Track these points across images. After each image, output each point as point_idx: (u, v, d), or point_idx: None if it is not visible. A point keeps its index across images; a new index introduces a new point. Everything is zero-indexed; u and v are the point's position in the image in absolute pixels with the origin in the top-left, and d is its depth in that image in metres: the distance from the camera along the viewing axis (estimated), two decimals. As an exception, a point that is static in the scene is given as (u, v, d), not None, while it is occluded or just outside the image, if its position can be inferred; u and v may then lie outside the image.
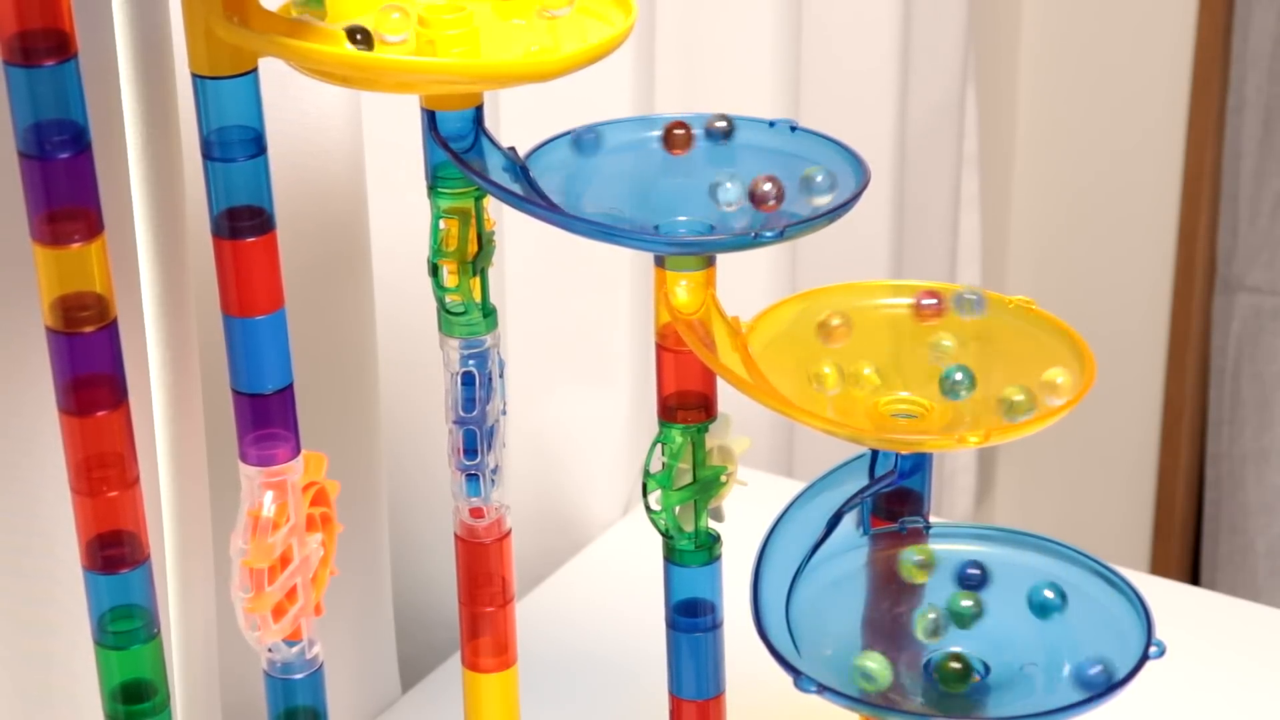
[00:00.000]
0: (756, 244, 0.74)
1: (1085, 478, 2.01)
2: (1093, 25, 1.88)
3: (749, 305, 0.82)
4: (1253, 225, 1.83)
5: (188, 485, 0.89)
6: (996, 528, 0.81)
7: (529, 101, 1.04)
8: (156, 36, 0.80)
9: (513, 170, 0.78)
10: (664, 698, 0.85)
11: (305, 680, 0.80)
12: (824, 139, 0.79)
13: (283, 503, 0.76)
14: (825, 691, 0.73)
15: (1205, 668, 1.10)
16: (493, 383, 0.84)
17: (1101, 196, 1.92)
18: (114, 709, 0.75)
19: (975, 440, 0.72)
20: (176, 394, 0.87)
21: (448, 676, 1.12)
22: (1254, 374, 1.85)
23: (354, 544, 1.01)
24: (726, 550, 0.83)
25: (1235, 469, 1.88)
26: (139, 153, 0.82)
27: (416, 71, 0.75)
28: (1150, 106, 1.86)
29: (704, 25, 1.33)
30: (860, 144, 0.82)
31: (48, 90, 0.66)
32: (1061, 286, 1.95)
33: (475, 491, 0.86)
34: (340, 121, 0.94)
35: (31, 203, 0.67)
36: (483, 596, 0.88)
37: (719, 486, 0.82)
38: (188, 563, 0.90)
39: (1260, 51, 1.78)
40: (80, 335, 0.69)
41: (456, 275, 0.82)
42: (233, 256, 0.74)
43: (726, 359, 0.76)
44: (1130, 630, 0.76)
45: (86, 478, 0.71)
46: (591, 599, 1.18)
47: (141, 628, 0.74)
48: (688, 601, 0.83)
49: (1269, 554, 1.87)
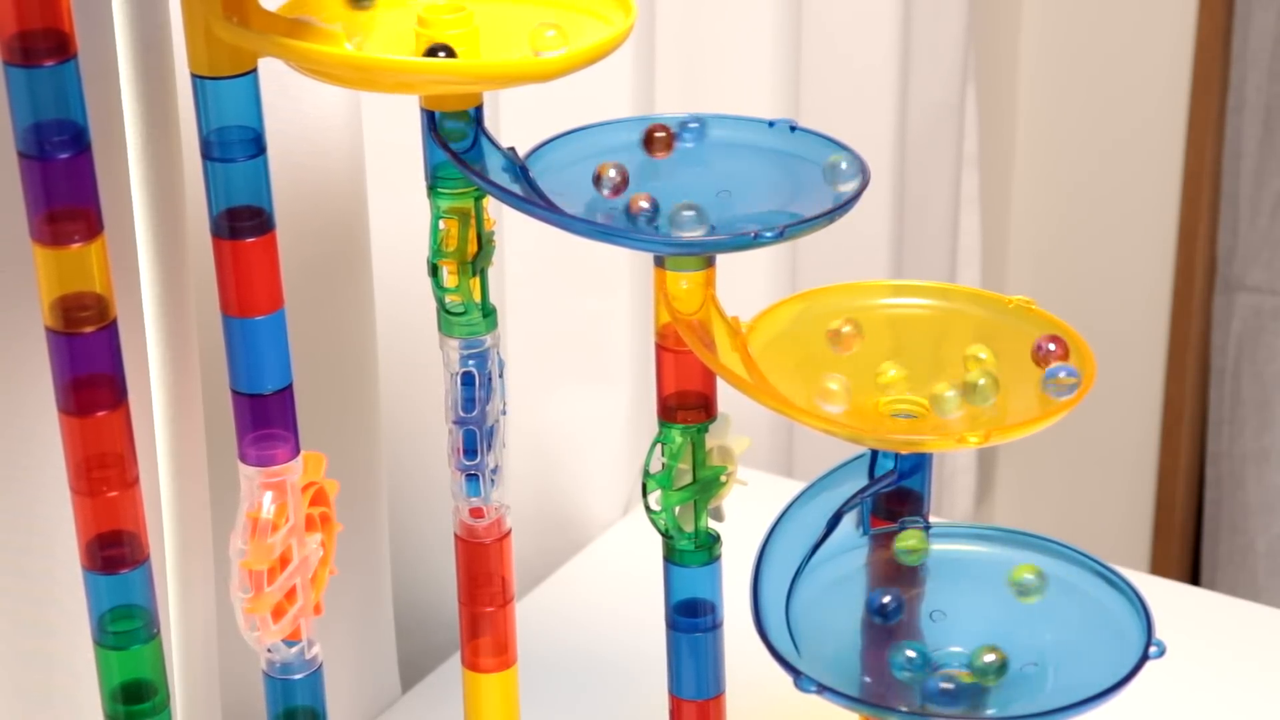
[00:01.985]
0: (756, 244, 0.74)
1: (1085, 478, 2.00)
2: (1093, 25, 1.88)
3: (749, 305, 0.81)
4: (1253, 225, 1.83)
5: (188, 485, 0.89)
6: (996, 528, 0.81)
7: (529, 101, 1.04)
8: (156, 36, 0.80)
9: (513, 170, 0.78)
10: (664, 698, 0.85)
11: (305, 680, 0.80)
12: (824, 139, 0.79)
13: (282, 503, 0.76)
14: (825, 691, 0.73)
15: (1205, 668, 1.10)
16: (492, 383, 0.84)
17: (1101, 196, 1.92)
18: (114, 709, 0.75)
19: (975, 440, 0.72)
20: (176, 394, 0.87)
21: (448, 676, 1.12)
22: (1254, 374, 1.85)
23: (354, 544, 1.01)
24: (726, 550, 0.83)
25: (1235, 469, 1.88)
26: (139, 153, 0.82)
27: (416, 71, 0.75)
28: (1150, 107, 1.86)
29: (704, 25, 1.33)
30: (860, 144, 0.82)
31: (47, 90, 0.66)
32: (1061, 286, 1.95)
33: (475, 491, 0.86)
34: (340, 121, 0.94)
35: (31, 203, 0.67)
36: (483, 596, 0.88)
37: (719, 486, 0.82)
38: (188, 563, 0.90)
39: (1260, 51, 1.78)
40: (80, 335, 0.69)
41: (456, 275, 0.82)
42: (232, 257, 0.74)
43: (726, 359, 0.76)
44: (1130, 630, 0.76)
45: (86, 478, 0.71)
46: (591, 599, 1.18)
47: (141, 628, 0.74)
48: (688, 601, 0.83)
49: (1269, 554, 1.87)
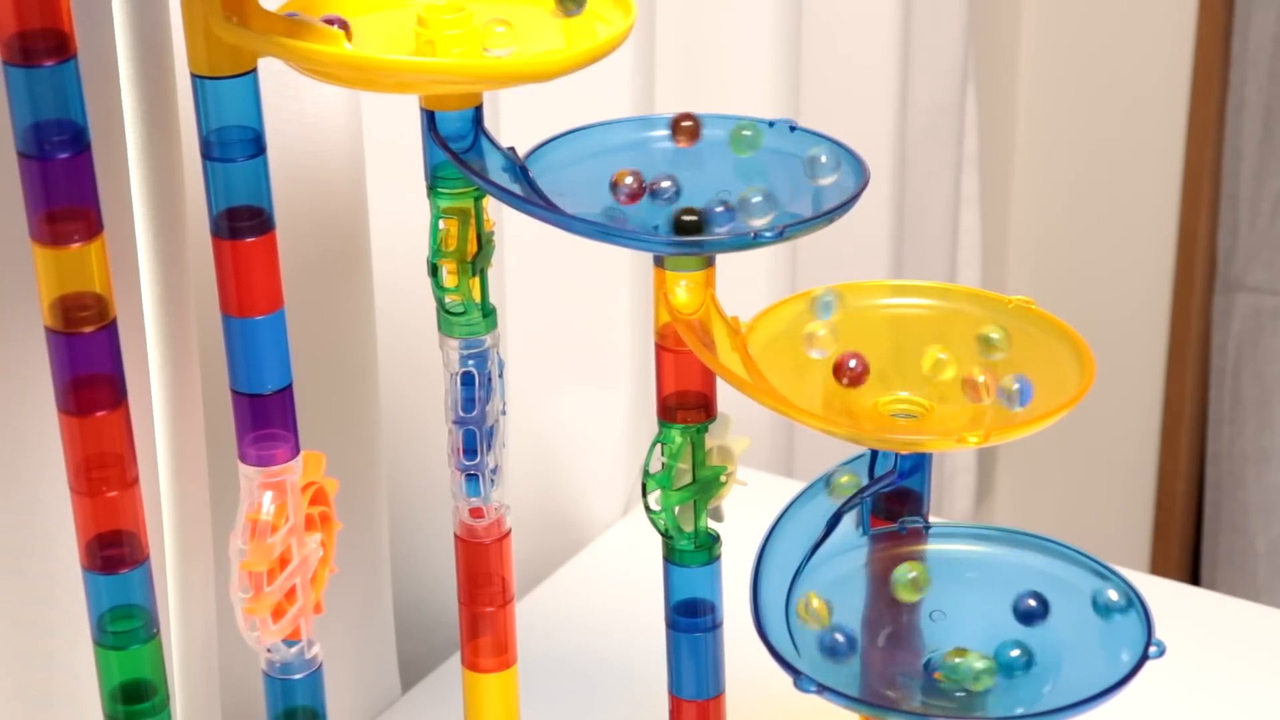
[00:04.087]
0: (756, 244, 0.74)
1: (1085, 478, 2.00)
2: (1093, 25, 1.88)
3: (749, 305, 0.81)
4: (1253, 225, 1.83)
5: (188, 485, 0.89)
6: (996, 528, 0.81)
7: (529, 101, 1.04)
8: (156, 36, 0.80)
9: (512, 170, 0.78)
10: (664, 698, 0.85)
11: (304, 680, 0.80)
12: (824, 139, 0.79)
13: (282, 503, 0.76)
14: (825, 691, 0.73)
15: (1205, 668, 1.10)
16: (492, 383, 0.84)
17: (1101, 196, 1.92)
18: (113, 709, 0.75)
19: (975, 440, 0.72)
20: (176, 394, 0.87)
21: (448, 676, 1.12)
22: (1254, 374, 1.85)
23: (354, 544, 1.01)
24: (726, 550, 0.83)
25: (1235, 469, 1.88)
26: (139, 153, 0.82)
27: (416, 71, 0.75)
28: (1150, 107, 1.86)
29: (704, 25, 1.33)
30: (860, 144, 0.82)
31: (47, 90, 0.66)
32: (1061, 286, 1.95)
33: (475, 491, 0.86)
34: (340, 121, 0.94)
35: (31, 203, 0.67)
36: (483, 596, 0.88)
37: (719, 486, 0.82)
38: (188, 563, 0.90)
39: (1260, 51, 1.78)
40: (80, 335, 0.69)
41: (456, 275, 0.82)
42: (232, 257, 0.74)
43: (726, 359, 0.76)
44: (1130, 630, 0.76)
45: (86, 478, 0.71)
46: (591, 599, 1.18)
47: (141, 628, 0.74)
48: (688, 601, 0.83)
49: (1269, 554, 1.87)
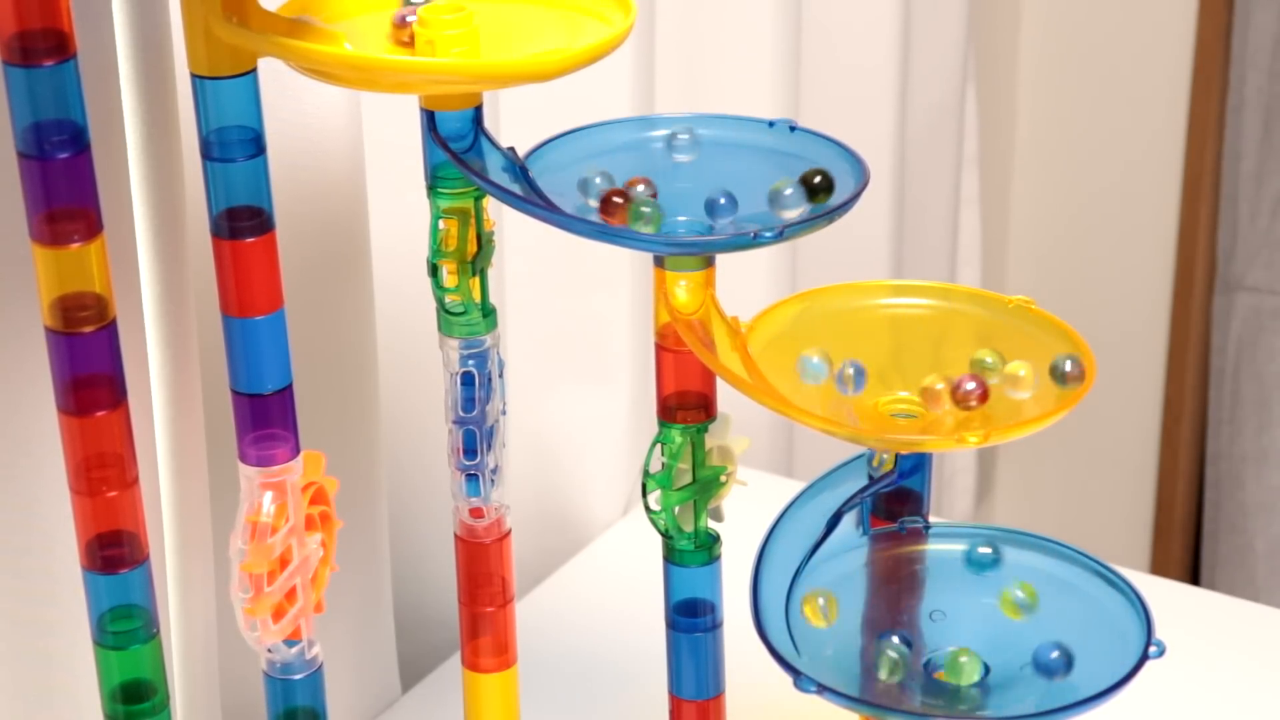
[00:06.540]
0: (756, 244, 0.74)
1: (1085, 478, 2.00)
2: (1093, 25, 1.88)
3: (749, 305, 0.81)
4: (1253, 225, 1.82)
5: (188, 485, 0.89)
6: (996, 528, 0.81)
7: (529, 101, 1.04)
8: (156, 36, 0.80)
9: (512, 170, 0.78)
10: (664, 698, 0.85)
11: (305, 680, 0.80)
12: (824, 139, 0.79)
13: (282, 503, 0.76)
14: (825, 691, 0.73)
15: (1205, 668, 1.10)
16: (492, 383, 0.84)
17: (1101, 196, 1.92)
18: (113, 709, 0.75)
19: (975, 440, 0.72)
20: (176, 394, 0.87)
21: (448, 676, 1.12)
22: (1254, 374, 1.85)
23: (354, 544, 1.01)
24: (726, 550, 0.83)
25: (1235, 469, 1.88)
26: (139, 153, 0.82)
27: (416, 71, 0.75)
28: (1150, 107, 1.86)
29: (704, 25, 1.33)
30: (860, 144, 0.82)
31: (47, 90, 0.66)
32: (1061, 286, 1.95)
33: (475, 491, 0.86)
34: (340, 121, 0.94)
35: (31, 203, 0.67)
36: (483, 596, 0.88)
37: (719, 486, 0.82)
38: (188, 563, 0.90)
39: (1260, 51, 1.78)
40: (80, 335, 0.69)
41: (456, 275, 0.82)
42: (232, 257, 0.74)
43: (726, 359, 0.76)
44: (1130, 630, 0.76)
45: (86, 478, 0.71)
46: (591, 599, 1.18)
47: (141, 628, 0.74)
48: (688, 601, 0.83)
49: (1269, 554, 1.87)
